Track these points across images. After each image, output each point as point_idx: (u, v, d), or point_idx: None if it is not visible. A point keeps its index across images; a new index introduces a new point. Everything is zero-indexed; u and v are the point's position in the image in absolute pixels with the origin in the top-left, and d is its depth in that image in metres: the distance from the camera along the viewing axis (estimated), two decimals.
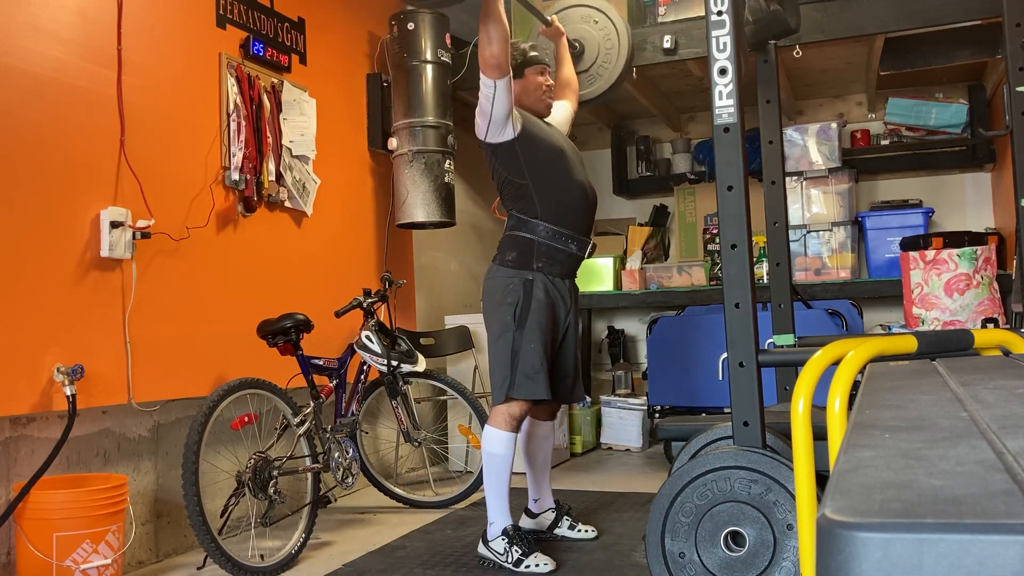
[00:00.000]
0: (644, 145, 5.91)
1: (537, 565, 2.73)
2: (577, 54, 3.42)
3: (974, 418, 0.70)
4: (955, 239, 3.95)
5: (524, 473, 3.19)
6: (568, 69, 3.31)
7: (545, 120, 3.03)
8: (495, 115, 2.77)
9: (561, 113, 3.17)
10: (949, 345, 1.66)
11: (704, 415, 4.24)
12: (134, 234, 2.85)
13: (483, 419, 3.42)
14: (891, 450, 0.60)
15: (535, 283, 2.85)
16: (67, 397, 2.56)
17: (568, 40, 3.34)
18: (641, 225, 5.65)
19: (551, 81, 3.06)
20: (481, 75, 2.74)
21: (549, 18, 3.27)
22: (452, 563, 2.87)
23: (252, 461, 2.91)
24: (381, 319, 3.54)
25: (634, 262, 5.21)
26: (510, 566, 2.75)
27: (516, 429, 2.82)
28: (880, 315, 5.07)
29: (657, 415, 4.65)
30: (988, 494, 0.46)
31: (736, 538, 1.99)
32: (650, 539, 2.04)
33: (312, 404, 3.16)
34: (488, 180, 3.07)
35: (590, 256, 3.01)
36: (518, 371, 2.78)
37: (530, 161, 2.86)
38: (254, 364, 3.25)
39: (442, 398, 4.51)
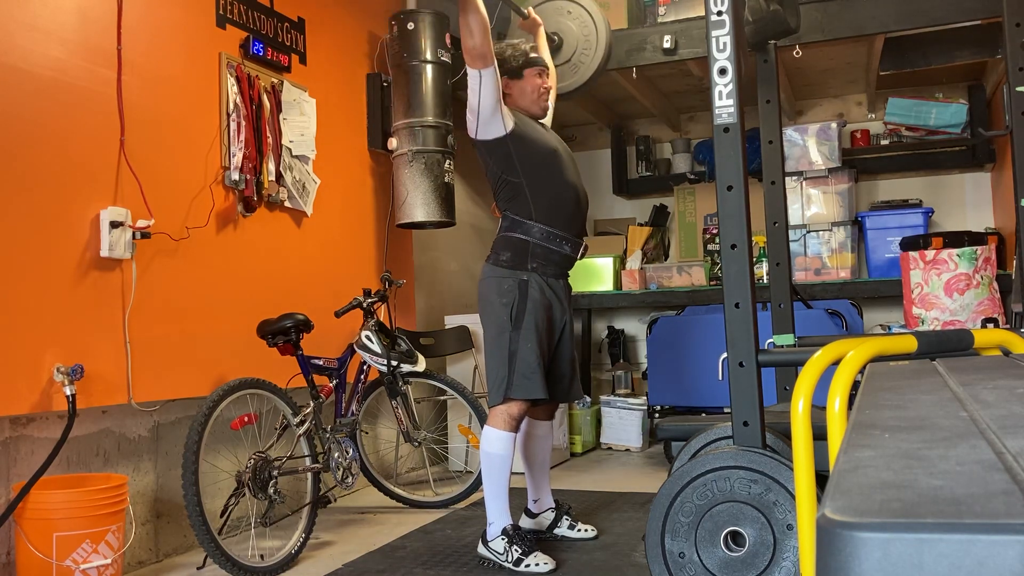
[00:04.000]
0: (644, 145, 5.91)
1: (537, 565, 2.73)
2: (556, 47, 3.45)
3: (974, 418, 0.70)
4: (955, 239, 3.95)
5: (523, 473, 3.20)
6: (547, 61, 3.32)
7: (540, 122, 3.05)
8: (483, 107, 2.79)
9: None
10: (949, 345, 1.66)
11: (704, 415, 4.23)
12: (134, 234, 2.84)
13: (483, 419, 3.42)
14: (891, 450, 0.60)
15: (530, 283, 2.86)
16: (67, 397, 2.56)
17: (546, 33, 3.36)
18: (641, 225, 5.65)
19: (549, 84, 3.06)
20: (467, 68, 2.77)
21: (526, 11, 3.30)
22: (452, 563, 2.87)
23: (252, 461, 2.91)
24: (381, 319, 3.54)
25: (634, 262, 5.21)
26: (510, 566, 2.75)
27: (515, 429, 2.82)
28: (880, 315, 5.07)
29: (657, 415, 4.65)
30: (988, 494, 0.46)
31: (736, 538, 1.99)
32: (650, 539, 2.04)
33: (312, 404, 3.16)
34: (488, 180, 3.07)
35: (582, 257, 3.03)
36: (515, 371, 2.79)
37: (524, 160, 2.88)
38: (254, 364, 3.25)
39: (442, 398, 4.51)
